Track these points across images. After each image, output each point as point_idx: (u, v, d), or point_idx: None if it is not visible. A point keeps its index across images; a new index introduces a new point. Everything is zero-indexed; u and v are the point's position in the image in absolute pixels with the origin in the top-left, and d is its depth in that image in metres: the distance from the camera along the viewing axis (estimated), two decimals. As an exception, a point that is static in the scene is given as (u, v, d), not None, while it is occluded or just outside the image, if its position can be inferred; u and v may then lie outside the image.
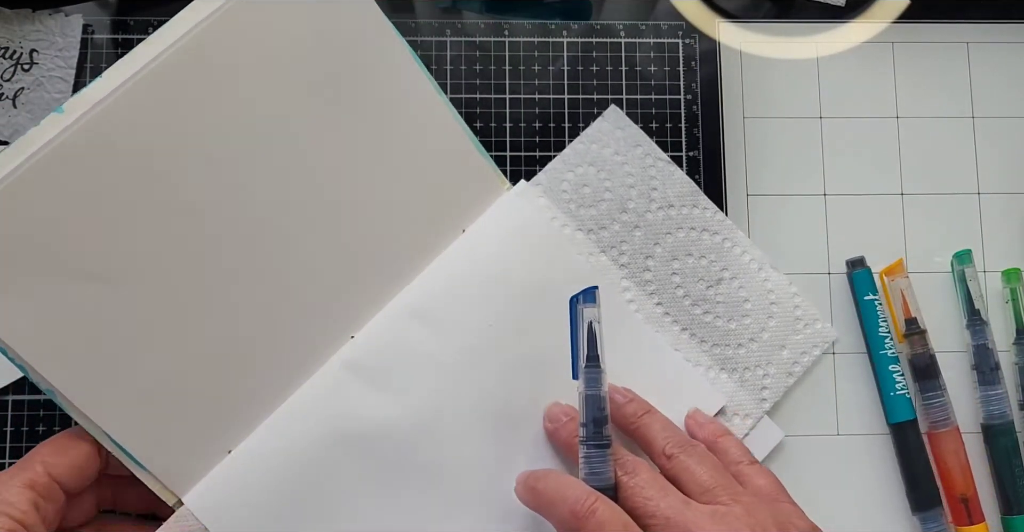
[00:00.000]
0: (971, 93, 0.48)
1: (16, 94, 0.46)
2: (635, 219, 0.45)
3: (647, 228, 0.45)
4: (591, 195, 0.45)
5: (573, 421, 0.40)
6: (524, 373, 0.42)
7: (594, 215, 0.45)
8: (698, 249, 0.45)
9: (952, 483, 0.43)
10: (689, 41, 0.48)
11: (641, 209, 0.45)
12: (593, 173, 0.45)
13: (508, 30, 0.48)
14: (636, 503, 0.36)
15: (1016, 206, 0.47)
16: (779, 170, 0.47)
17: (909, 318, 0.45)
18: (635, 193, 0.45)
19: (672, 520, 0.35)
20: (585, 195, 0.45)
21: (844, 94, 0.48)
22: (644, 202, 0.45)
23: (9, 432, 0.44)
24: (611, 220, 0.45)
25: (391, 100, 0.42)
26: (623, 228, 0.45)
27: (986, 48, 0.49)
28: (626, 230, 0.45)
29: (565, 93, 0.47)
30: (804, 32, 0.49)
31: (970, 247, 0.46)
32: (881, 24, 0.49)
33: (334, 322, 0.41)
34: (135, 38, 0.47)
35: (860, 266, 0.45)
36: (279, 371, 0.40)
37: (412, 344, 0.41)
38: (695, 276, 0.45)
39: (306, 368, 0.41)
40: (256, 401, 0.40)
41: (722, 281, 0.45)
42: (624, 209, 0.45)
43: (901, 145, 0.48)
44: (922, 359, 0.44)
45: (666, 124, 0.47)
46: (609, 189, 0.45)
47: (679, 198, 0.45)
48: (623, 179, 0.45)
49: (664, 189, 0.45)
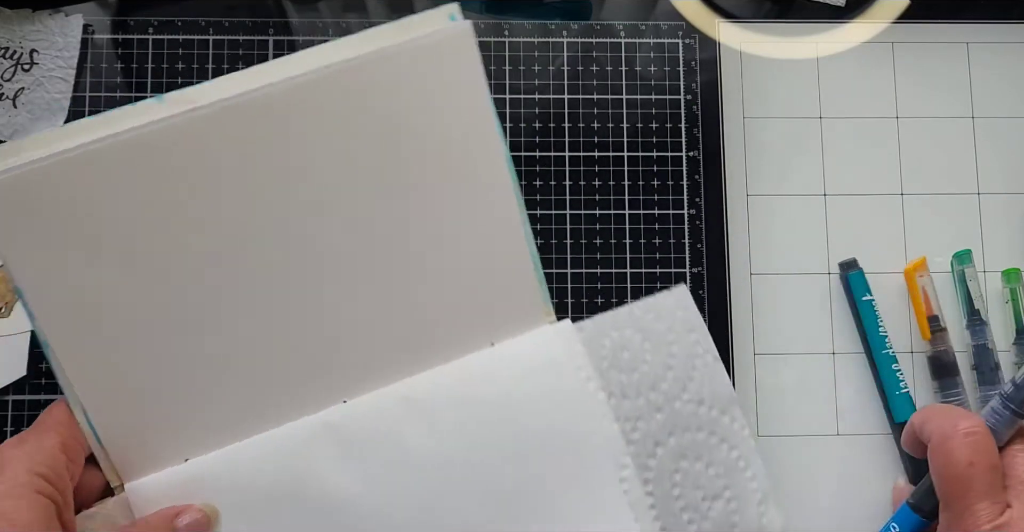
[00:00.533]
0: (971, 93, 0.48)
1: (16, 94, 0.46)
2: (661, 402, 0.42)
3: (670, 415, 0.42)
4: (628, 361, 0.42)
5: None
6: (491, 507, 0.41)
7: (623, 382, 0.42)
8: (710, 457, 0.42)
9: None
10: (689, 41, 0.48)
11: (671, 394, 0.42)
12: (639, 341, 0.43)
13: (508, 30, 0.48)
14: (1017, 470, 0.36)
15: (1016, 206, 0.47)
16: (779, 170, 0.47)
17: (931, 315, 0.45)
18: (671, 376, 0.42)
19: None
20: (622, 359, 0.42)
21: (844, 94, 0.48)
22: (677, 389, 0.42)
23: (9, 432, 0.44)
24: (637, 393, 0.42)
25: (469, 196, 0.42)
26: (646, 405, 0.42)
27: (986, 48, 0.49)
28: (649, 409, 0.42)
29: (565, 93, 0.47)
30: (804, 32, 0.49)
31: (970, 247, 0.46)
32: (881, 24, 0.49)
33: (333, 381, 0.41)
34: (135, 38, 0.47)
35: (853, 268, 0.45)
36: (262, 405, 0.41)
37: (398, 432, 0.41)
38: (696, 483, 0.42)
39: (288, 412, 0.41)
40: (229, 423, 0.40)
41: (718, 499, 0.42)
42: (655, 387, 0.42)
43: (901, 145, 0.48)
44: (946, 356, 0.44)
45: (666, 124, 0.47)
46: (648, 362, 0.42)
47: (712, 398, 0.43)
48: (665, 359, 0.42)
49: (701, 383, 0.43)
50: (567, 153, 0.47)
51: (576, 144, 0.47)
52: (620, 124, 0.47)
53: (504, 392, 0.41)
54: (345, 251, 0.42)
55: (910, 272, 0.45)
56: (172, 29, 0.47)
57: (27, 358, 0.44)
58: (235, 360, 0.41)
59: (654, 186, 0.47)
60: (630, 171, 0.47)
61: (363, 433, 0.41)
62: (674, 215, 0.47)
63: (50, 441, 0.35)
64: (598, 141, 0.47)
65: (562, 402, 0.42)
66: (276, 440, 0.40)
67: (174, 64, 0.47)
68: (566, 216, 0.46)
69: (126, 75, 0.47)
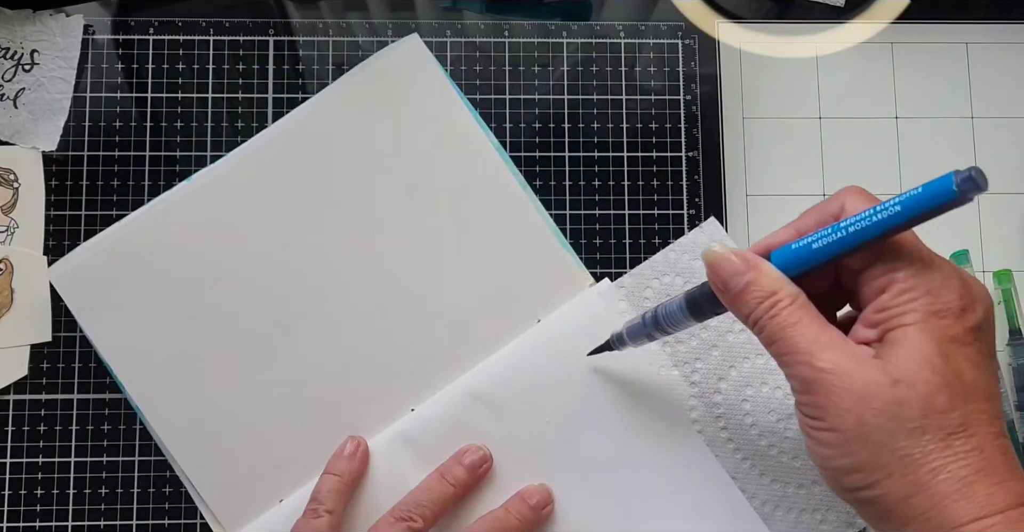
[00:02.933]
0: (970, 93, 0.48)
1: (17, 94, 0.46)
2: (715, 338, 0.43)
3: (726, 349, 0.43)
4: None
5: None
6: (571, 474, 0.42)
7: None
8: (774, 379, 0.43)
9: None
10: (689, 41, 0.48)
11: (723, 329, 0.43)
12: (680, 284, 0.44)
13: (508, 30, 0.48)
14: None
15: (1015, 206, 0.47)
16: (779, 170, 0.47)
17: None
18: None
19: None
20: None
21: (844, 94, 0.48)
22: (727, 322, 0.43)
23: (10, 432, 0.44)
24: (689, 335, 0.43)
25: (476, 191, 0.45)
26: (700, 345, 0.43)
27: (986, 48, 0.49)
28: (703, 348, 0.43)
29: (565, 93, 0.47)
30: (804, 32, 0.49)
31: (969, 247, 0.46)
32: (881, 24, 0.49)
33: (398, 394, 0.44)
34: (136, 38, 0.47)
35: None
36: (339, 431, 0.43)
37: (467, 424, 0.42)
38: (766, 407, 0.43)
39: (364, 433, 0.43)
40: (313, 456, 0.43)
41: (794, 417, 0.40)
42: (705, 326, 0.43)
43: (900, 145, 0.48)
44: None
45: (666, 124, 0.47)
46: None
47: None
48: None
49: None
50: (567, 153, 0.47)
51: (576, 144, 0.47)
52: (620, 124, 0.47)
53: (559, 365, 0.43)
54: (387, 270, 0.44)
55: None
56: (172, 29, 0.47)
57: (27, 358, 0.44)
58: (308, 392, 0.43)
59: (654, 186, 0.47)
60: (630, 171, 0.47)
61: (434, 436, 0.42)
62: (674, 215, 0.47)
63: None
64: (598, 141, 0.47)
65: (615, 360, 0.42)
66: None
67: (174, 64, 0.47)
68: (566, 216, 0.46)
69: (126, 75, 0.47)
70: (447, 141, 0.45)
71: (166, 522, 0.43)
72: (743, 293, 0.31)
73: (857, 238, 0.30)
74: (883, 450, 0.29)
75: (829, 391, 0.29)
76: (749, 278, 0.31)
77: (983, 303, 0.31)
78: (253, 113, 0.47)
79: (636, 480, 0.42)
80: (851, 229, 0.30)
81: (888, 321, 0.30)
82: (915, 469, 0.29)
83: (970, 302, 0.30)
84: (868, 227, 0.29)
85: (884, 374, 0.29)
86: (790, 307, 0.31)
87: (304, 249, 0.44)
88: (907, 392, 0.29)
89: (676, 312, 0.35)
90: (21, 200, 0.45)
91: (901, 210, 0.28)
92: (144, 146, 0.46)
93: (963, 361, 0.30)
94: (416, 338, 0.44)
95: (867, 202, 0.31)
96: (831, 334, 0.30)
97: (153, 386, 0.43)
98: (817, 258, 0.31)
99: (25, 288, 0.45)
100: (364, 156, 0.45)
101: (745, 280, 0.31)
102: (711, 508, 0.42)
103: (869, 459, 0.29)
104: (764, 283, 0.31)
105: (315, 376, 0.43)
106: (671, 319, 0.36)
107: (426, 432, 0.42)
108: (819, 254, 0.31)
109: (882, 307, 0.30)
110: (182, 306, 0.43)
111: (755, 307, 0.31)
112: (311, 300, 0.44)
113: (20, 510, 0.43)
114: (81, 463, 0.44)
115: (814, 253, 0.31)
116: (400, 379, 0.44)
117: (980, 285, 0.31)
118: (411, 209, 0.45)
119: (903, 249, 0.30)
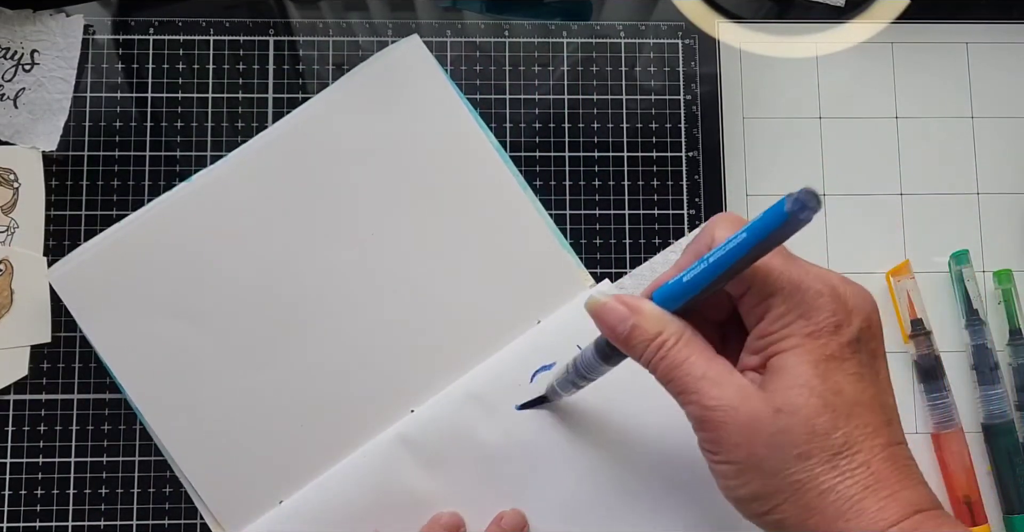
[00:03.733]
0: (970, 93, 0.48)
1: (17, 94, 0.46)
2: None
3: None
4: None
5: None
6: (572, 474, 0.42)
7: None
8: None
9: (955, 484, 0.43)
10: (689, 41, 0.48)
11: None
12: None
13: (508, 30, 0.48)
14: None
15: (1015, 206, 0.47)
16: (779, 170, 0.47)
17: (915, 318, 0.45)
18: None
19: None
20: None
21: (844, 94, 0.48)
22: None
23: (10, 432, 0.44)
24: None
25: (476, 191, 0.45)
26: None
27: (986, 48, 0.49)
28: None
29: (565, 93, 0.47)
30: (804, 32, 0.49)
31: (969, 247, 0.46)
32: (881, 24, 0.49)
33: (398, 395, 0.44)
34: (136, 38, 0.47)
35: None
36: (339, 433, 0.43)
37: (469, 428, 0.42)
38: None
39: (364, 434, 0.43)
40: (313, 458, 0.43)
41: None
42: None
43: (900, 145, 0.48)
44: (927, 360, 0.44)
45: (666, 124, 0.47)
46: None
47: None
48: None
49: None
50: (567, 153, 0.47)
51: (576, 144, 0.47)
52: (620, 124, 0.47)
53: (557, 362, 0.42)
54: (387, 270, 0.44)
55: (888, 277, 0.45)
56: (172, 29, 0.47)
57: (27, 358, 0.44)
58: (307, 392, 0.43)
59: (654, 186, 0.47)
60: (630, 171, 0.47)
61: (433, 437, 0.42)
62: (674, 215, 0.47)
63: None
64: (598, 141, 0.47)
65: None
66: (358, 464, 0.42)
67: (174, 64, 0.47)
68: (566, 216, 0.46)
69: (127, 75, 0.47)
70: (447, 141, 0.45)
71: (166, 522, 0.43)
72: (630, 337, 0.32)
73: (717, 268, 0.30)
74: (775, 478, 0.30)
75: (718, 427, 0.30)
76: (633, 322, 0.32)
77: (860, 313, 0.31)
78: (253, 113, 0.47)
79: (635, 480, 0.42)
80: (711, 260, 0.30)
81: (768, 348, 0.31)
82: (805, 493, 0.29)
83: (844, 316, 0.30)
84: (723, 257, 0.29)
85: (767, 405, 0.30)
86: (676, 346, 0.31)
87: (304, 249, 0.44)
88: (789, 419, 0.29)
89: (590, 359, 0.36)
90: (21, 200, 0.45)
91: (747, 237, 0.28)
92: (144, 146, 0.46)
93: (842, 377, 0.30)
94: (416, 339, 0.44)
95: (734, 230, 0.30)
96: (719, 368, 0.31)
97: (153, 387, 0.43)
98: (689, 291, 0.31)
99: (25, 289, 0.45)
100: (364, 156, 0.45)
101: (630, 324, 0.32)
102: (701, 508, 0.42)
103: (765, 487, 0.30)
104: (648, 326, 0.32)
105: (315, 376, 0.43)
106: (588, 367, 0.37)
107: (425, 433, 0.42)
108: (689, 287, 0.31)
109: (761, 334, 0.31)
110: (182, 307, 0.43)
111: (644, 350, 0.32)
112: (311, 300, 0.44)
113: (20, 510, 0.43)
114: (81, 463, 0.44)
115: (684, 287, 0.31)
116: (399, 380, 0.44)
117: (858, 293, 0.31)
118: (411, 209, 0.45)
119: (771, 274, 0.31)
